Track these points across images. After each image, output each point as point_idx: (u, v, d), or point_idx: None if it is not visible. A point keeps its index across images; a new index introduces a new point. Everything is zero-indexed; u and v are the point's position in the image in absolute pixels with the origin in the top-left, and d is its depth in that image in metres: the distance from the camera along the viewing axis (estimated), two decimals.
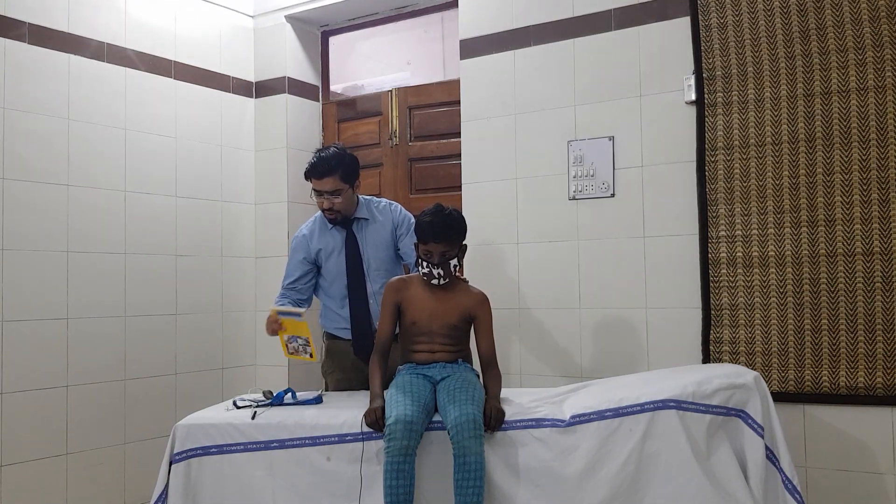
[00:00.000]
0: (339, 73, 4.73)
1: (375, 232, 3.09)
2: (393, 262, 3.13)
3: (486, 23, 3.69)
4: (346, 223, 3.08)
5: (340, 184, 2.97)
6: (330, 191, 2.97)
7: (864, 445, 2.84)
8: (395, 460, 2.29)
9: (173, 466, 2.60)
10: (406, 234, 3.08)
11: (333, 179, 2.96)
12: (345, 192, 2.99)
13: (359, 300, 3.03)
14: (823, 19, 2.91)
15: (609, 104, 3.37)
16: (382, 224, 3.10)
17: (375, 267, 3.06)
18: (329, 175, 2.95)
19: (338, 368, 3.14)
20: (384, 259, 3.08)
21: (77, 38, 3.58)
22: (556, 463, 2.35)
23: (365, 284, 3.04)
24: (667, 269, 3.21)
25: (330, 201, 2.98)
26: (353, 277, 3.03)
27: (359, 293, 3.03)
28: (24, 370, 3.32)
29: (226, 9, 4.31)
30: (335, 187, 2.97)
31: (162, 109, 3.94)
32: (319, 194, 3.00)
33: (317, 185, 2.99)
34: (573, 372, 3.37)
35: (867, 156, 2.84)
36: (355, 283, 3.03)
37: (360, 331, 3.03)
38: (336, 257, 3.07)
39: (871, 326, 2.81)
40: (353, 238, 3.07)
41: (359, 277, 3.03)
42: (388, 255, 3.10)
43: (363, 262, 3.05)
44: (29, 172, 3.38)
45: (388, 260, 3.10)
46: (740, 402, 2.40)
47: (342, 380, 3.12)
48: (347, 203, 3.03)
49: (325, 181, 2.96)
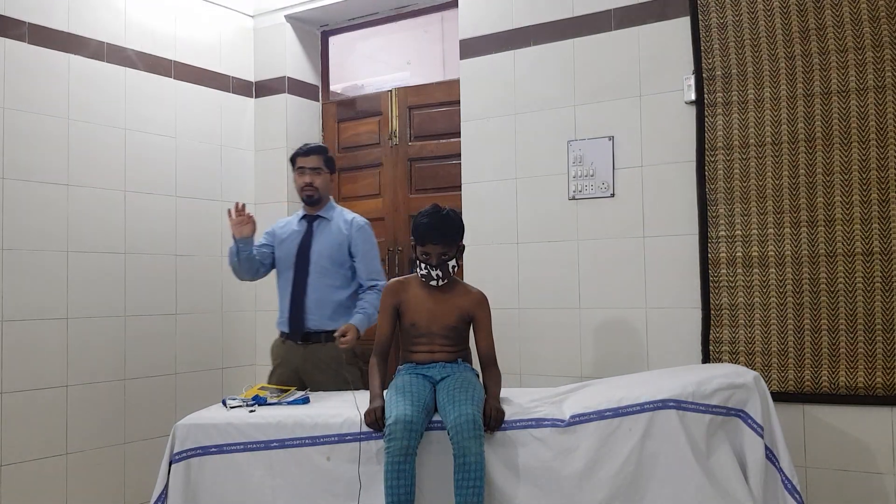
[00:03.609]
0: (338, 73, 4.73)
1: (329, 233, 3.28)
2: (336, 266, 3.25)
3: (486, 23, 3.69)
4: (310, 220, 3.32)
5: (322, 164, 3.32)
6: (312, 167, 3.29)
7: (863, 445, 2.84)
8: (396, 460, 2.29)
9: (173, 466, 2.60)
10: (361, 261, 3.27)
11: (318, 158, 3.31)
12: (324, 174, 3.32)
13: (298, 288, 3.25)
14: (823, 19, 2.91)
15: (609, 104, 3.37)
16: (339, 230, 3.28)
17: (316, 261, 3.24)
18: (314, 154, 3.32)
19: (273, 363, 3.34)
20: (327, 258, 3.24)
21: (77, 37, 3.58)
22: (555, 463, 2.35)
23: (307, 275, 3.25)
24: (666, 269, 3.21)
25: (311, 176, 3.28)
26: (299, 264, 3.26)
27: (299, 277, 3.25)
28: (24, 370, 3.32)
29: (226, 9, 4.32)
30: (317, 165, 3.30)
31: (162, 109, 3.94)
32: (302, 172, 3.30)
33: (301, 162, 3.31)
34: (573, 372, 3.37)
35: (867, 156, 2.84)
36: (299, 269, 3.26)
37: (295, 317, 3.23)
38: (287, 245, 3.31)
39: (871, 326, 2.81)
40: (310, 231, 3.31)
41: (304, 266, 3.25)
42: (331, 256, 3.24)
43: (310, 254, 3.26)
44: (29, 172, 3.38)
45: (329, 261, 3.24)
46: (740, 401, 2.40)
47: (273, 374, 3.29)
48: (325, 187, 3.34)
49: (310, 158, 3.30)
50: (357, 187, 4.43)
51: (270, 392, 2.86)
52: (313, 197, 3.30)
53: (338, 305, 3.23)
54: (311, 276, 3.24)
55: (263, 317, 4.31)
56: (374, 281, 3.27)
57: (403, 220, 4.18)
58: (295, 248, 3.29)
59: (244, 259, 3.26)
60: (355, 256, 3.27)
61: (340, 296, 3.25)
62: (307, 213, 3.36)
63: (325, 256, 3.24)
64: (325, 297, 3.22)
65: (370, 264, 3.29)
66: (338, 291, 3.25)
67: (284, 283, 3.30)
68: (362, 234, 3.30)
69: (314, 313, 3.22)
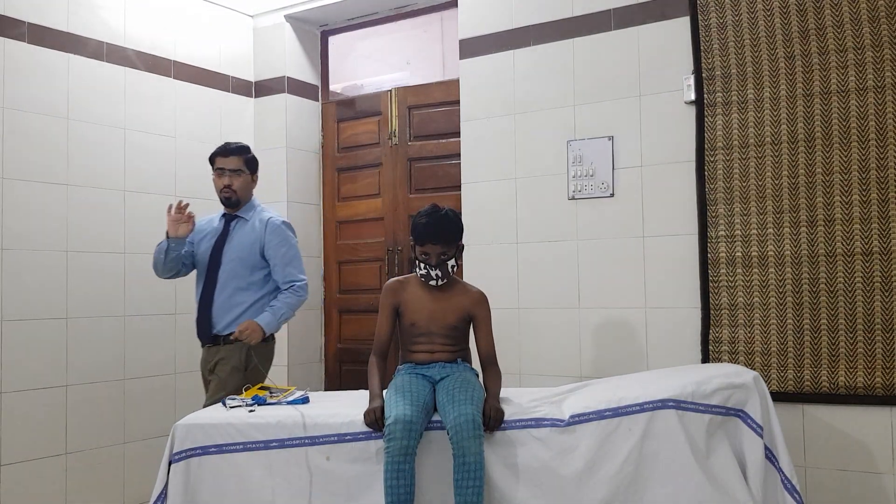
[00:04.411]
0: (338, 73, 4.73)
1: (244, 233, 3.20)
2: (246, 268, 3.16)
3: (486, 23, 3.69)
4: (229, 220, 3.24)
5: (242, 165, 3.22)
6: (232, 168, 3.19)
7: (863, 445, 2.84)
8: (395, 460, 2.29)
9: (173, 466, 2.60)
10: (275, 263, 3.17)
11: (238, 159, 3.21)
12: (244, 176, 3.22)
13: (208, 289, 3.17)
14: (823, 19, 2.91)
15: (608, 104, 3.37)
16: (253, 230, 3.19)
17: (226, 262, 3.16)
18: (234, 154, 3.21)
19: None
20: (237, 260, 3.15)
21: (76, 37, 3.58)
22: (555, 462, 2.35)
23: (217, 273, 3.17)
24: (666, 268, 3.21)
25: (230, 178, 3.19)
26: (211, 262, 3.19)
27: (210, 278, 3.17)
28: (23, 370, 3.32)
29: (225, 8, 4.32)
30: (237, 166, 3.20)
31: (161, 109, 3.94)
32: (221, 172, 3.20)
33: (220, 163, 3.20)
34: (573, 372, 3.37)
35: (866, 156, 2.84)
36: (211, 268, 3.18)
37: (202, 319, 3.16)
38: (204, 245, 3.23)
39: (870, 326, 2.81)
40: (226, 232, 3.23)
41: (215, 267, 3.17)
42: (241, 258, 3.15)
43: (222, 255, 3.18)
44: (29, 172, 3.38)
45: (240, 263, 3.15)
46: (739, 401, 2.40)
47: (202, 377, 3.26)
48: (244, 189, 3.23)
49: (230, 159, 3.20)
50: (357, 187, 4.43)
51: (270, 392, 2.86)
52: (231, 199, 3.20)
53: (247, 309, 3.13)
54: (220, 277, 3.15)
55: None
56: (290, 282, 3.17)
57: (403, 220, 4.18)
58: (209, 248, 3.21)
59: (171, 259, 3.16)
60: (270, 258, 3.17)
61: (250, 299, 3.15)
62: (226, 212, 3.27)
63: (236, 258, 3.15)
64: (233, 301, 3.13)
65: (286, 267, 3.17)
66: (246, 294, 3.15)
67: (199, 283, 3.23)
68: (277, 235, 3.18)
69: (221, 317, 3.13)
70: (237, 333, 2.99)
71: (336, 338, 4.48)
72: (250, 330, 3.01)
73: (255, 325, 3.03)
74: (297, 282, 3.18)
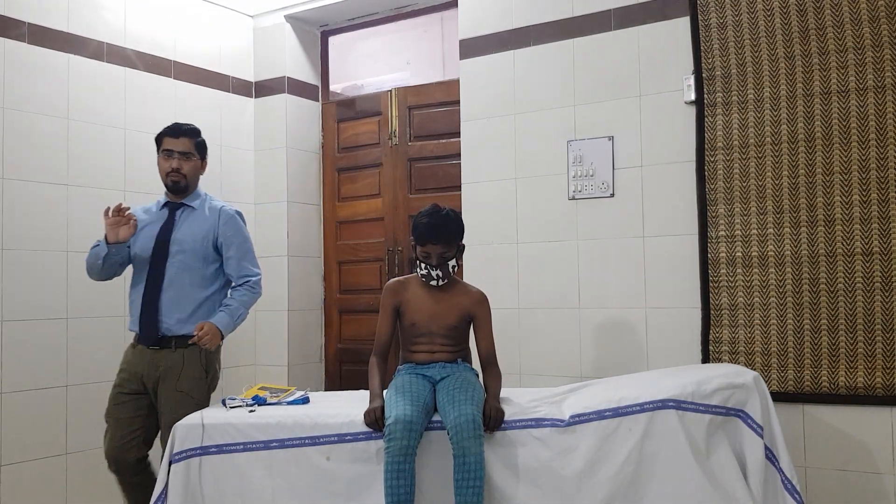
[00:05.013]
0: (338, 73, 4.73)
1: (193, 223, 2.96)
2: (199, 260, 2.93)
3: (486, 23, 3.69)
4: (172, 208, 2.99)
5: (193, 149, 2.99)
6: (182, 151, 2.96)
7: (863, 445, 2.84)
8: (396, 460, 2.29)
9: (173, 466, 2.60)
10: (231, 256, 2.97)
11: (188, 141, 2.98)
12: (194, 160, 3.00)
13: (153, 283, 2.88)
14: (823, 19, 2.91)
15: (608, 104, 3.37)
16: (204, 220, 2.97)
17: (175, 254, 2.90)
18: (185, 136, 2.98)
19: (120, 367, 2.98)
20: (189, 252, 2.91)
21: (77, 37, 3.58)
22: (555, 463, 2.35)
23: (164, 267, 2.89)
24: (666, 269, 3.21)
25: (179, 161, 2.95)
26: (157, 255, 2.90)
27: (155, 272, 2.89)
28: (23, 370, 3.32)
29: (225, 9, 4.31)
30: (187, 149, 2.97)
31: (162, 109, 3.94)
32: (169, 155, 2.96)
33: (169, 144, 2.96)
34: (573, 372, 3.37)
35: (866, 156, 2.84)
36: (156, 264, 2.89)
37: (147, 318, 2.86)
38: (144, 236, 2.93)
39: (871, 326, 2.81)
40: (171, 220, 2.96)
41: (160, 260, 2.89)
42: (193, 250, 2.91)
43: (169, 247, 2.91)
44: (29, 172, 3.38)
45: (191, 255, 2.91)
46: (740, 401, 2.40)
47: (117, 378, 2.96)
48: (194, 174, 3.01)
49: (180, 140, 2.97)
50: (357, 187, 4.43)
51: (270, 392, 2.86)
52: (179, 184, 2.95)
53: (199, 306, 2.90)
54: (168, 271, 2.88)
55: (263, 317, 4.31)
56: (245, 277, 2.97)
57: (403, 220, 4.18)
58: (152, 238, 2.92)
59: (110, 264, 2.90)
60: (224, 250, 2.95)
61: (202, 295, 2.92)
62: (171, 200, 3.01)
63: (187, 249, 2.90)
64: (184, 296, 2.88)
65: (241, 260, 2.97)
66: (199, 290, 2.92)
67: (139, 278, 2.93)
68: (232, 226, 2.97)
69: (170, 314, 2.86)
70: (196, 338, 2.78)
71: (336, 338, 4.48)
72: (211, 334, 2.80)
73: (214, 328, 2.82)
74: (253, 277, 2.98)
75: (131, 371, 2.90)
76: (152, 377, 2.87)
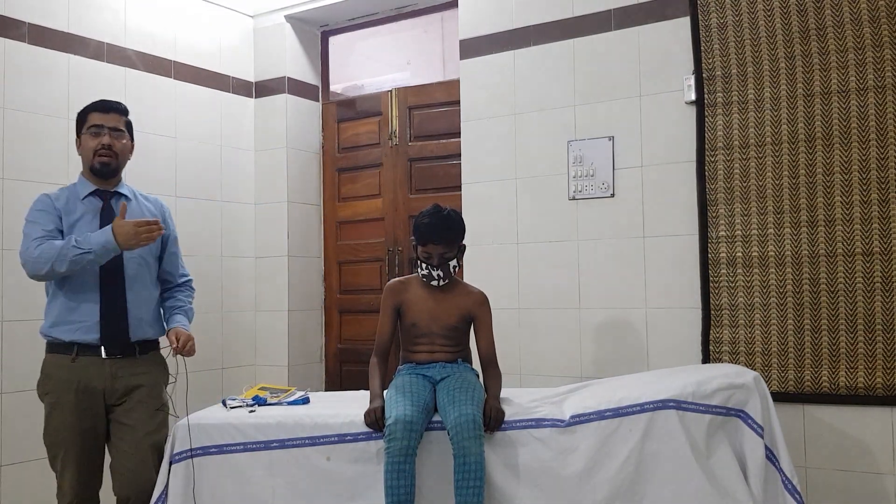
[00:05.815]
0: (338, 73, 4.73)
1: (140, 214, 2.64)
2: (152, 257, 2.68)
3: (486, 23, 3.69)
4: (103, 196, 2.62)
5: (123, 127, 2.64)
6: (112, 127, 2.59)
7: (863, 445, 2.84)
8: (396, 460, 2.29)
9: (173, 466, 2.59)
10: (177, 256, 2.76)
11: (119, 117, 2.62)
12: (125, 139, 2.64)
13: (112, 284, 2.54)
14: (823, 19, 2.91)
15: (609, 104, 3.37)
16: (149, 212, 2.69)
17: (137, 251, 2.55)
18: (115, 111, 2.62)
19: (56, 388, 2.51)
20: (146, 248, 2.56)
21: (77, 37, 3.58)
22: (555, 463, 2.35)
23: (122, 266, 2.56)
24: (667, 269, 3.21)
25: (110, 138, 2.57)
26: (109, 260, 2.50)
27: (114, 273, 2.54)
28: (23, 370, 3.31)
29: (225, 9, 4.31)
30: (118, 125, 2.61)
31: (162, 109, 3.94)
32: (99, 131, 2.56)
33: (97, 119, 2.58)
34: (573, 372, 3.37)
35: (867, 156, 2.84)
36: (111, 261, 2.50)
37: (112, 323, 2.53)
38: (82, 230, 2.53)
39: (871, 326, 2.81)
40: (110, 211, 2.57)
41: (117, 258, 2.52)
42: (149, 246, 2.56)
43: None
44: (29, 172, 3.38)
45: (148, 251, 2.62)
46: (740, 402, 2.40)
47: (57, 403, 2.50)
48: (124, 154, 2.64)
49: (110, 115, 2.60)
50: (357, 187, 4.43)
51: (270, 392, 2.86)
52: (109, 165, 2.57)
53: (156, 307, 2.69)
54: (128, 269, 2.57)
55: (263, 317, 4.31)
56: (185, 277, 2.79)
57: (403, 221, 4.18)
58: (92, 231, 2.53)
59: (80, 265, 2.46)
60: (169, 246, 2.72)
61: (154, 297, 2.68)
62: (98, 187, 2.62)
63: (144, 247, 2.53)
64: (147, 297, 2.64)
65: (180, 258, 2.78)
66: (154, 289, 2.69)
67: (83, 278, 2.51)
68: (172, 220, 2.74)
69: (138, 318, 2.59)
70: (182, 347, 2.56)
71: (336, 338, 4.48)
72: (192, 342, 2.60)
73: (190, 334, 2.61)
74: (189, 277, 2.82)
75: (84, 388, 2.48)
76: (116, 392, 2.53)
